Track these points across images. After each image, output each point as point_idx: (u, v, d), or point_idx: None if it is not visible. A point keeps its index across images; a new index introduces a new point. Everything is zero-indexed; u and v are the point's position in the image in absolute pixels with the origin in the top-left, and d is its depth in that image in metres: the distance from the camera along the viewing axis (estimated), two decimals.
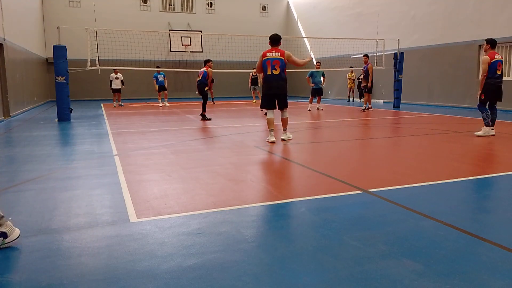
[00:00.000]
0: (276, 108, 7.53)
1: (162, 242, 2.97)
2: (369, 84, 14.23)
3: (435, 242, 2.91)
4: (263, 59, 7.32)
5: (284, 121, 7.68)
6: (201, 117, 11.81)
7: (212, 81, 19.55)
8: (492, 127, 8.14)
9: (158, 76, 17.71)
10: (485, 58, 7.93)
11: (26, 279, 2.44)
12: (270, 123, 7.50)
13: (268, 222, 3.48)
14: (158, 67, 18.80)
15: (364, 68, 14.33)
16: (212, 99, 20.28)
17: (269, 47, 7.48)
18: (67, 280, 2.42)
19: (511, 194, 4.22)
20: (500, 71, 7.96)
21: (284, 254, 2.76)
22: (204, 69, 11.91)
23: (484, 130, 8.05)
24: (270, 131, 7.50)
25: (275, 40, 7.37)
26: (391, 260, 2.63)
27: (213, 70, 19.54)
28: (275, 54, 7.27)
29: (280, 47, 7.47)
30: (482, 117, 8.13)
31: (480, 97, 8.05)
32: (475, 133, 8.23)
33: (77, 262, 2.68)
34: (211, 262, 2.64)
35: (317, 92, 15.22)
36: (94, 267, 2.59)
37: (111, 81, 17.73)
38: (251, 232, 3.15)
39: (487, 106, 8.12)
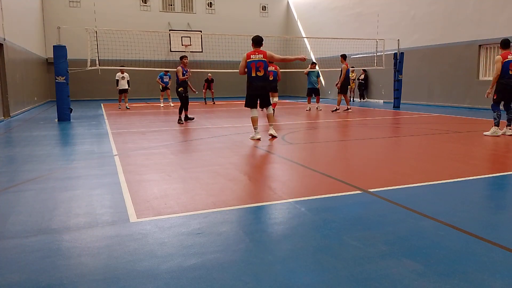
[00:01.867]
0: (257, 107, 7.92)
1: (162, 242, 2.97)
2: (338, 85, 14.18)
3: (435, 242, 2.91)
4: (248, 61, 7.58)
5: (270, 117, 8.02)
6: (180, 121, 10.87)
7: (212, 80, 19.44)
8: (510, 127, 8.15)
9: (164, 77, 17.16)
10: (498, 57, 7.98)
11: (26, 279, 2.44)
12: (254, 121, 7.81)
13: (268, 222, 3.48)
14: (167, 71, 17.82)
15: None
16: (213, 99, 20.24)
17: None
18: (67, 280, 2.43)
19: (510, 194, 4.22)
20: None
21: (284, 254, 2.76)
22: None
23: (493, 130, 8.04)
24: (255, 128, 7.78)
25: (258, 42, 7.71)
26: (391, 260, 2.63)
27: (212, 70, 19.61)
28: (259, 56, 7.59)
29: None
30: (493, 117, 8.12)
31: (493, 96, 8.10)
32: (484, 133, 8.22)
33: (77, 262, 2.68)
34: (211, 262, 2.64)
35: (313, 92, 15.13)
36: (94, 267, 2.59)
37: (117, 80, 16.70)
38: (251, 232, 3.15)
39: (501, 106, 8.14)
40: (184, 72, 11.05)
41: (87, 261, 2.68)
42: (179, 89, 10.99)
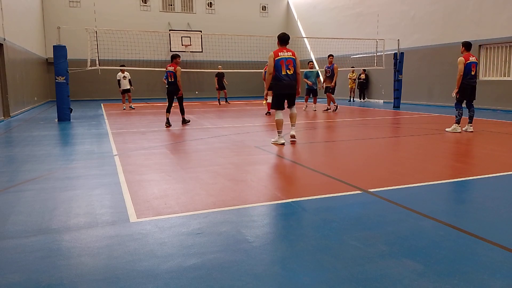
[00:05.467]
0: (284, 108, 7.46)
1: (162, 242, 2.97)
2: (332, 85, 14.16)
3: (435, 242, 2.91)
4: (276, 58, 7.10)
5: (293, 117, 7.56)
6: (181, 122, 10.56)
7: (223, 75, 18.53)
8: (471, 124, 8.79)
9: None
10: (460, 59, 8.52)
11: (26, 279, 2.44)
12: (280, 124, 7.36)
13: (268, 222, 3.48)
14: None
15: (328, 68, 14.18)
16: (226, 99, 19.50)
17: (272, 48, 7.68)
18: (67, 280, 2.43)
19: (510, 194, 4.22)
20: (474, 72, 8.54)
21: (284, 254, 2.76)
22: (171, 68, 10.19)
23: (453, 127, 8.68)
24: (279, 132, 7.36)
25: (284, 40, 7.25)
26: (391, 260, 2.63)
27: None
28: (287, 54, 7.14)
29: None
30: (455, 115, 8.72)
31: (456, 95, 8.67)
32: (446, 129, 8.87)
33: (77, 262, 2.68)
34: (211, 262, 2.64)
35: (312, 92, 14.97)
36: (94, 267, 2.59)
37: (118, 81, 16.13)
38: (251, 232, 3.15)
39: (464, 105, 8.77)
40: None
41: (87, 261, 2.68)
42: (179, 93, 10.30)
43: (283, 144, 7.25)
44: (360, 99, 20.94)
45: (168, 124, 10.16)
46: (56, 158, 6.28)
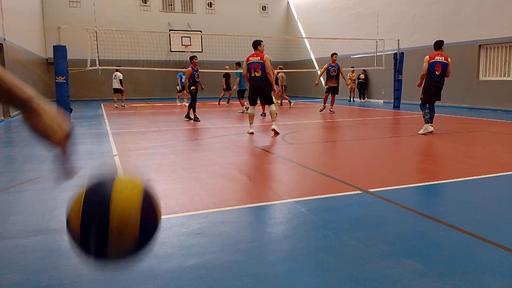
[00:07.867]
0: (256, 104, 8.71)
1: (162, 242, 2.97)
2: (316, 82, 14.03)
3: (435, 242, 2.91)
4: (247, 63, 8.33)
5: (272, 113, 8.67)
6: (188, 117, 11.62)
7: (229, 76, 18.43)
8: (431, 124, 8.34)
9: (183, 77, 15.84)
10: (426, 57, 8.44)
11: (26, 279, 2.44)
12: (250, 117, 8.61)
13: (268, 222, 3.48)
14: (184, 68, 17.33)
15: (332, 67, 13.83)
16: (229, 100, 19.11)
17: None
18: (67, 280, 2.43)
19: (510, 194, 4.22)
20: (440, 72, 8.23)
21: (284, 254, 2.76)
22: (197, 68, 11.62)
23: (425, 127, 8.25)
24: (250, 123, 8.51)
25: (253, 45, 8.47)
26: (391, 260, 2.63)
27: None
28: (256, 59, 8.29)
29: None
30: (423, 115, 8.42)
31: (420, 96, 8.46)
32: (419, 132, 8.33)
33: (77, 262, 2.67)
34: (211, 262, 2.64)
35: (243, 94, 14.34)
36: (94, 267, 2.58)
37: (120, 80, 16.56)
38: (251, 232, 3.15)
39: (427, 105, 8.46)
40: (194, 72, 11.47)
41: (87, 261, 2.67)
42: (191, 88, 11.47)
43: (252, 133, 8.38)
44: (360, 99, 20.94)
45: (189, 117, 11.53)
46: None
